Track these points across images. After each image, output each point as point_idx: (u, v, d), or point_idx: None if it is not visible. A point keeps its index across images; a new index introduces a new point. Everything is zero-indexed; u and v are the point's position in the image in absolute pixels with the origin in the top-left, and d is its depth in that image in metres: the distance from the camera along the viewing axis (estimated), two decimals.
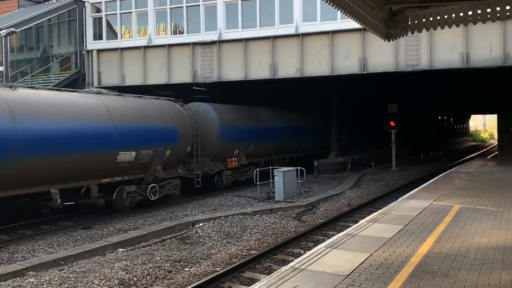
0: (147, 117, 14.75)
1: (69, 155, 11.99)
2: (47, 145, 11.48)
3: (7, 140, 10.74)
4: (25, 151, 11.02)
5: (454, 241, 7.80)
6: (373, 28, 7.91)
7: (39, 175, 11.50)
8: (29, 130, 11.23)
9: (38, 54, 27.06)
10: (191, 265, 9.12)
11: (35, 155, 11.22)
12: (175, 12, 21.41)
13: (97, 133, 12.82)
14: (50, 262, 8.93)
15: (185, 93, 22.87)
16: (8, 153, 10.73)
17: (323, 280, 5.98)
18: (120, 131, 13.53)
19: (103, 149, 12.95)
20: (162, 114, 15.50)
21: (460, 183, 15.44)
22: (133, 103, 14.84)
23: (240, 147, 19.50)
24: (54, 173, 11.76)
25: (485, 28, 16.17)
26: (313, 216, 13.95)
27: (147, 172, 14.81)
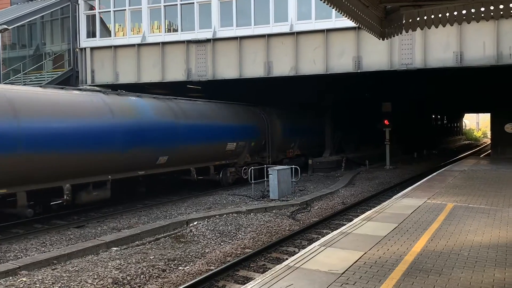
0: (241, 118, 20.49)
1: (205, 144, 17.88)
2: (198, 137, 17.44)
3: None
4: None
5: (448, 239, 7.83)
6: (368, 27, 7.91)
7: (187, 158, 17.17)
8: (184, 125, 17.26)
9: (31, 52, 26.86)
10: (185, 263, 9.10)
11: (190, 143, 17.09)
12: (169, 10, 21.31)
13: (215, 130, 18.45)
14: (43, 261, 8.86)
15: (179, 91, 22.78)
16: None
17: (318, 278, 5.98)
18: (228, 128, 19.20)
19: (218, 140, 18.67)
20: (249, 116, 21.23)
21: (454, 181, 15.52)
22: (230, 106, 20.54)
23: (295, 141, 24.71)
24: (193, 158, 17.33)
25: (478, 27, 16.24)
26: (308, 215, 13.96)
27: (240, 157, 20.33)
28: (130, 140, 14.39)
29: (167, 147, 15.85)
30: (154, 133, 15.30)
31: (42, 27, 27.04)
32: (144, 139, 14.87)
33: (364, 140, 32.88)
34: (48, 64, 25.80)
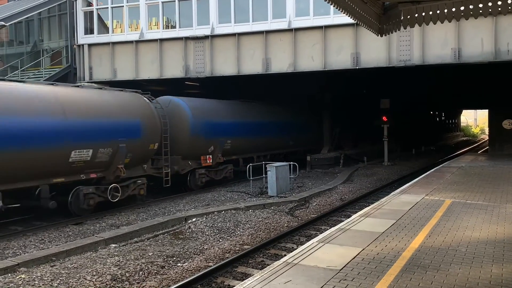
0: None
1: None
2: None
3: None
4: None
5: (446, 235, 7.86)
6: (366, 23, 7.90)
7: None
8: None
9: (29, 48, 26.77)
10: (184, 260, 9.11)
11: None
12: (167, 6, 21.25)
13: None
14: (42, 258, 8.87)
15: (178, 88, 22.76)
16: None
17: (316, 274, 6.00)
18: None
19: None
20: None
21: (452, 177, 15.55)
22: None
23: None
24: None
25: (476, 24, 16.24)
26: (306, 211, 13.99)
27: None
28: None
29: None
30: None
31: (39, 24, 26.94)
32: None
33: (362, 137, 32.90)
34: (46, 61, 25.72)
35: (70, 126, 12.35)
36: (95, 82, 21.54)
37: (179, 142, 16.72)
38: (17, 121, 11.13)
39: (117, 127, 13.75)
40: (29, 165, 11.38)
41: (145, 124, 14.90)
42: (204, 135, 17.72)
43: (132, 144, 14.17)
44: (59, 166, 12.20)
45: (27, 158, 11.26)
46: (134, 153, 14.31)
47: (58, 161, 12.07)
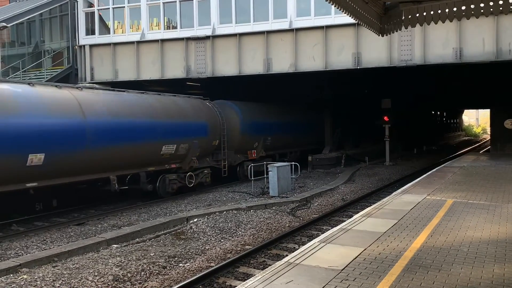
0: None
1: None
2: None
3: None
4: None
5: (448, 235, 7.85)
6: (367, 23, 7.90)
7: None
8: None
9: (30, 49, 26.81)
10: (186, 260, 9.12)
11: None
12: (168, 7, 21.27)
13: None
14: (44, 259, 8.88)
15: (179, 89, 22.78)
16: None
17: (317, 274, 6.00)
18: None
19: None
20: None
21: (453, 177, 15.53)
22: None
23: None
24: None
25: (478, 23, 16.23)
26: (308, 211, 13.98)
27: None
28: None
29: None
30: None
31: (41, 25, 26.98)
32: None
33: (364, 137, 32.88)
34: (47, 61, 25.76)
35: (162, 126, 15.57)
36: (97, 83, 21.57)
37: (231, 139, 19.71)
38: (126, 121, 14.26)
39: (192, 127, 17.05)
40: (135, 156, 14.53)
41: (210, 125, 18.16)
42: (251, 133, 20.83)
43: (201, 141, 17.43)
44: (153, 157, 15.42)
45: (134, 151, 14.39)
46: (202, 148, 17.49)
47: (153, 153, 15.35)
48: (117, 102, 14.37)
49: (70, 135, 12.27)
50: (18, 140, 10.99)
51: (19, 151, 11.03)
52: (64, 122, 12.24)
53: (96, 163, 13.19)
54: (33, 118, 11.48)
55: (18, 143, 10.98)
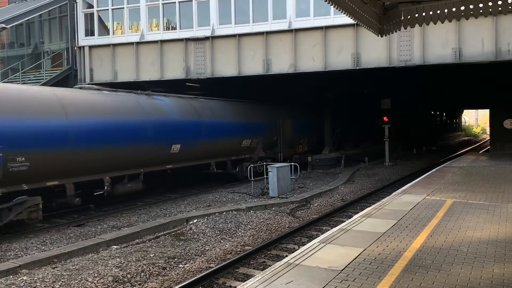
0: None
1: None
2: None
3: None
4: None
5: (447, 235, 7.85)
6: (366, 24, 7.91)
7: None
8: None
9: (29, 51, 26.80)
10: (186, 261, 9.12)
11: None
12: (167, 8, 21.27)
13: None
14: (43, 260, 8.87)
15: (178, 89, 22.76)
16: None
17: (317, 275, 6.00)
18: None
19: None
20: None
21: (453, 177, 15.54)
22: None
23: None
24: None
25: (477, 24, 16.23)
26: (307, 212, 13.98)
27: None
28: None
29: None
30: None
31: (40, 26, 26.98)
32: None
33: (364, 137, 32.89)
34: (46, 62, 25.75)
35: (244, 125, 20.60)
36: (96, 84, 21.52)
37: (285, 136, 23.91)
38: (219, 122, 19.22)
39: (261, 126, 21.90)
40: (223, 148, 19.25)
41: (271, 124, 22.86)
42: (298, 132, 25.28)
43: (266, 137, 22.29)
44: (236, 148, 20.21)
45: (223, 144, 19.13)
46: (266, 143, 22.34)
47: (236, 145, 20.17)
48: (220, 107, 19.90)
49: (192, 132, 17.37)
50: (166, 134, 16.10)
51: (166, 142, 16.05)
52: (188, 121, 17.44)
53: (205, 152, 18.06)
54: (173, 119, 16.71)
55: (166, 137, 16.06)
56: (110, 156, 13.83)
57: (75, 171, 12.79)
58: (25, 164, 11.25)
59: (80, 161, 12.82)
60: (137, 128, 14.89)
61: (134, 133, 14.70)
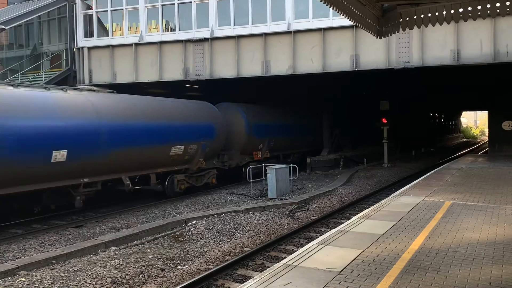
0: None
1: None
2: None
3: None
4: None
5: (446, 236, 7.86)
6: (365, 25, 7.93)
7: None
8: None
9: (28, 52, 26.78)
10: (184, 263, 9.11)
11: None
12: (166, 9, 21.28)
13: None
14: (42, 261, 8.86)
15: (177, 91, 22.78)
16: None
17: (316, 276, 6.00)
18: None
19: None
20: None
21: (452, 179, 15.56)
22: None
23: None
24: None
25: (475, 26, 16.26)
26: (306, 213, 13.98)
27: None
28: None
29: None
30: None
31: (39, 27, 26.96)
32: None
33: (362, 139, 32.91)
34: (45, 64, 25.73)
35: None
36: (95, 85, 21.49)
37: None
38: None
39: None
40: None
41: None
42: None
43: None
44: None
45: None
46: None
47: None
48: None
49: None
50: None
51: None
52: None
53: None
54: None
55: None
56: None
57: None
58: None
59: None
60: None
61: None
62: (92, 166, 12.96)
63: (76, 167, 12.45)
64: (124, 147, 13.84)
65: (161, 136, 15.39)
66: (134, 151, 14.25)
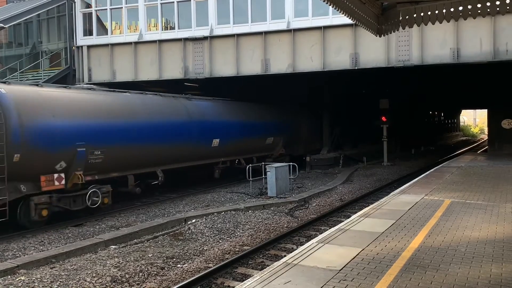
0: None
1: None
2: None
3: None
4: None
5: (445, 235, 7.86)
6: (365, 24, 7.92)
7: None
8: None
9: (28, 50, 26.74)
10: (184, 261, 9.11)
11: None
12: (166, 8, 21.25)
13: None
14: (41, 260, 8.86)
15: (177, 89, 22.74)
16: None
17: (316, 275, 6.00)
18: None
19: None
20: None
21: (451, 177, 15.56)
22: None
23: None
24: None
25: (475, 24, 16.25)
26: (306, 212, 13.98)
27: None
28: None
29: None
30: None
31: (38, 26, 26.92)
32: None
33: (362, 137, 32.91)
34: (44, 62, 25.69)
35: None
36: (94, 84, 21.50)
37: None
38: None
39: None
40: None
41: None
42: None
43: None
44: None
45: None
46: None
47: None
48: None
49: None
50: None
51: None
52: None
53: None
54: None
55: None
56: None
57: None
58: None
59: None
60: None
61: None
62: (228, 149, 19.22)
63: (221, 150, 18.84)
64: (245, 137, 20.27)
65: (260, 130, 21.65)
66: (247, 140, 20.55)
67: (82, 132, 12.89)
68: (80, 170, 12.78)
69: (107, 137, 13.61)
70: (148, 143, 15.11)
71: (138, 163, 14.94)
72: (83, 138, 12.86)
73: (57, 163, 12.27)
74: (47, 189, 12.07)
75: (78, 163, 12.72)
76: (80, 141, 12.76)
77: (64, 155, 12.36)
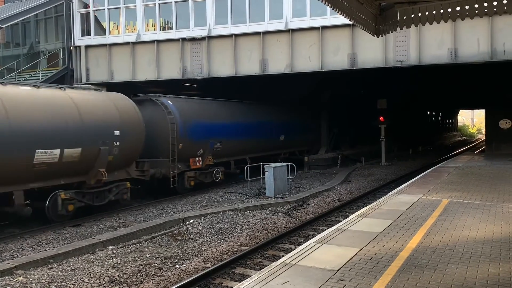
0: None
1: None
2: None
3: None
4: None
5: (443, 235, 7.88)
6: (362, 24, 7.92)
7: None
8: None
9: (25, 50, 26.67)
10: (182, 261, 9.11)
11: None
12: (164, 8, 21.23)
13: None
14: (39, 261, 8.85)
15: (175, 90, 22.72)
16: None
17: (314, 275, 6.01)
18: None
19: None
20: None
21: (449, 177, 15.59)
22: None
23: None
24: None
25: (473, 24, 16.29)
26: (304, 212, 13.99)
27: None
28: None
29: None
30: None
31: (36, 26, 26.85)
32: None
33: (360, 137, 32.96)
34: (42, 62, 25.63)
35: None
36: (92, 84, 21.46)
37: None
38: None
39: None
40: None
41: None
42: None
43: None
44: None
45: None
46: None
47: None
48: None
49: None
50: None
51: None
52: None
53: None
54: None
55: None
56: None
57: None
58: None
59: None
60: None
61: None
62: (289, 143, 24.34)
63: (285, 144, 24.17)
64: (300, 134, 25.03)
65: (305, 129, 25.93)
66: (300, 136, 25.61)
67: (211, 129, 18.64)
68: (210, 155, 18.50)
69: (223, 133, 19.36)
70: (243, 137, 20.83)
71: (237, 152, 20.62)
72: (211, 134, 18.60)
73: (198, 150, 18.01)
74: (193, 168, 17.82)
75: (209, 150, 18.46)
76: (210, 136, 18.49)
77: (202, 145, 18.13)
